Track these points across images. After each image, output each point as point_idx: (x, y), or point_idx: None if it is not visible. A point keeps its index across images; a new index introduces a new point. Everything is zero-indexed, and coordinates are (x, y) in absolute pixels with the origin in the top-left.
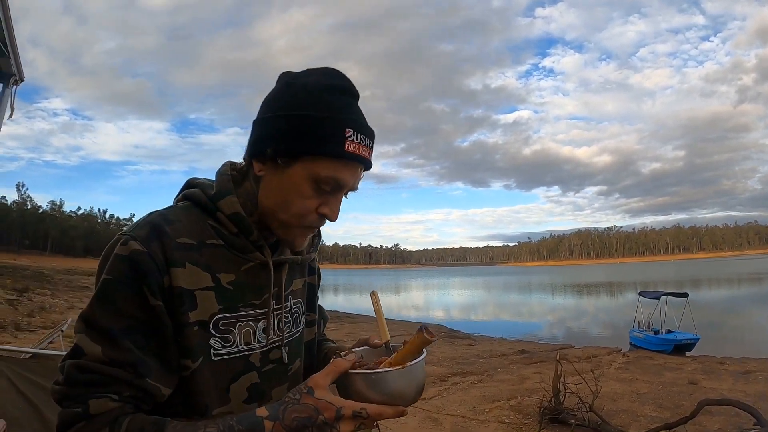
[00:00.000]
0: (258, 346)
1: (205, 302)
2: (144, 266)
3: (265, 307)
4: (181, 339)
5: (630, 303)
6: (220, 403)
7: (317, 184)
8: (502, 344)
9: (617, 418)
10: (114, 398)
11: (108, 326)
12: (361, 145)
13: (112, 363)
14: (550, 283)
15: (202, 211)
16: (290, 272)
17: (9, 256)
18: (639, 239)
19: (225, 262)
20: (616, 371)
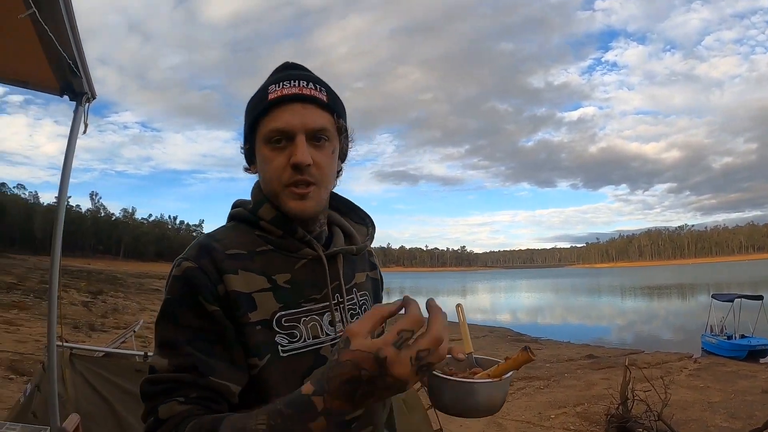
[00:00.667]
0: (327, 339)
1: (264, 302)
2: (197, 280)
3: (326, 300)
4: (245, 339)
5: (702, 306)
6: None
7: (269, 143)
8: (569, 348)
9: (687, 428)
10: (180, 400)
11: (172, 339)
12: (284, 88)
13: (177, 369)
14: (618, 286)
15: (248, 224)
16: (349, 265)
17: (84, 261)
18: (711, 238)
19: (278, 263)
20: (686, 378)
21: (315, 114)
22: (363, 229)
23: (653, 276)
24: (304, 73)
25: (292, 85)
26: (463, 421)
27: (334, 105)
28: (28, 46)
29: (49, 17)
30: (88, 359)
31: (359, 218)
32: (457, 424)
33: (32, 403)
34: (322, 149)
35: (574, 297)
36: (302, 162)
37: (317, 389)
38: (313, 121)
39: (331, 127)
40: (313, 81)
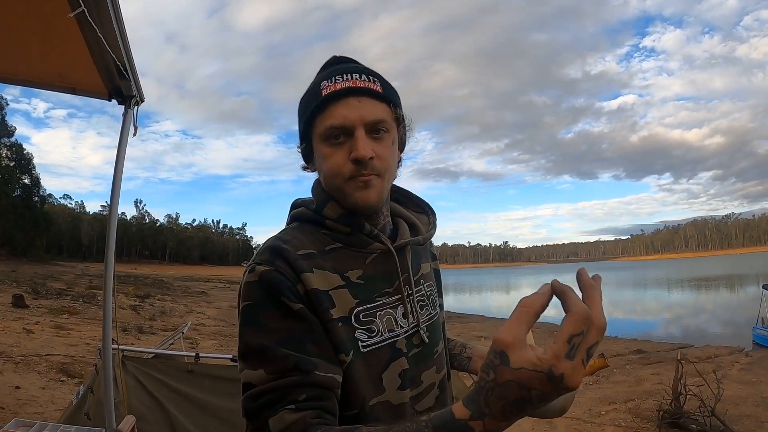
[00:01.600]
0: (402, 332)
1: (341, 299)
2: (276, 281)
3: (398, 293)
4: (330, 336)
5: (752, 297)
6: (376, 393)
7: (327, 141)
8: (617, 343)
9: (740, 424)
10: (291, 408)
11: (261, 345)
12: (337, 83)
13: (278, 375)
14: (665, 278)
15: (313, 224)
16: (415, 256)
17: (130, 266)
18: (760, 226)
19: (348, 260)
20: (738, 372)
21: (371, 106)
22: (424, 218)
23: (700, 267)
24: (354, 65)
25: (345, 78)
26: None
27: (390, 95)
28: (75, 51)
29: (97, 17)
30: (139, 361)
31: (419, 207)
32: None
33: (85, 405)
34: (381, 141)
35: (620, 291)
36: (364, 156)
37: (474, 413)
38: (371, 114)
39: (389, 118)
40: (365, 72)
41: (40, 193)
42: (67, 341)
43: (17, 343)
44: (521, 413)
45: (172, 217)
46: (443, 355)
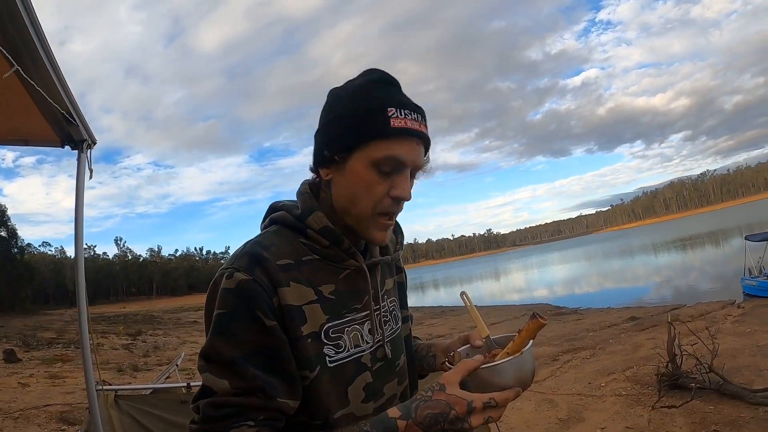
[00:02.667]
0: (367, 347)
1: (313, 315)
2: (253, 293)
3: (366, 309)
4: (298, 352)
5: (737, 250)
6: (341, 406)
7: (377, 168)
8: (610, 314)
9: (739, 376)
10: (250, 425)
11: (231, 357)
12: (407, 119)
13: (243, 393)
14: (650, 243)
15: (292, 231)
16: (381, 273)
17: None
18: (736, 180)
19: (323, 274)
20: (732, 325)
21: (421, 154)
22: (393, 237)
23: (683, 228)
24: (416, 105)
25: (413, 119)
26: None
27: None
28: (21, 105)
29: (35, 73)
30: (134, 398)
31: None
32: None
33: None
34: (412, 185)
35: (607, 262)
36: (407, 198)
37: (404, 414)
38: (420, 161)
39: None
40: (424, 117)
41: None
42: (64, 389)
43: (14, 398)
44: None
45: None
46: (405, 368)
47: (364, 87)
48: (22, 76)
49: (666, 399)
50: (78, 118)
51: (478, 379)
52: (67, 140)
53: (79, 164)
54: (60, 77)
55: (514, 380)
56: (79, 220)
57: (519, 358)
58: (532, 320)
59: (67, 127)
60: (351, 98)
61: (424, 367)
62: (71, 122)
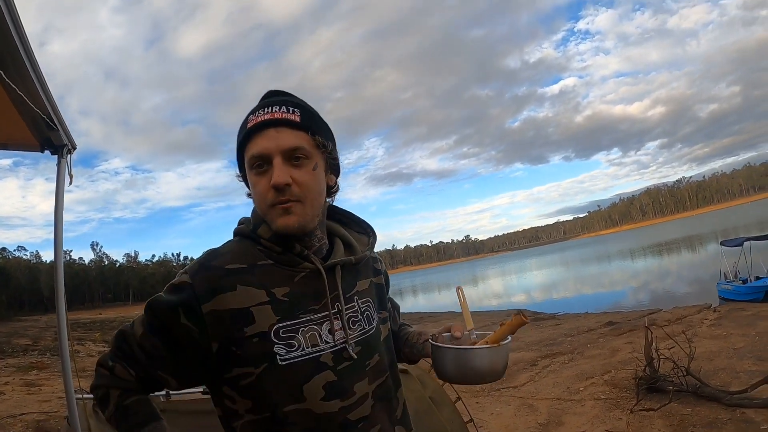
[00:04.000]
0: (327, 347)
1: (261, 316)
2: (185, 294)
3: (325, 310)
4: (241, 351)
5: (713, 255)
6: (293, 401)
7: (252, 169)
8: (588, 319)
9: (716, 378)
10: (131, 373)
11: (148, 321)
12: (259, 116)
13: (141, 347)
14: (627, 249)
15: (251, 241)
16: (350, 274)
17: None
18: (711, 186)
19: (277, 277)
20: (708, 329)
21: (288, 135)
22: (364, 239)
23: (659, 233)
24: (279, 98)
25: (266, 111)
26: (494, 408)
27: (309, 123)
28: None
29: (17, 76)
30: None
31: (361, 228)
32: (488, 413)
33: None
34: (301, 167)
35: (585, 267)
36: (279, 182)
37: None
38: (287, 142)
39: (308, 145)
40: (286, 104)
41: None
42: (40, 398)
43: None
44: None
45: (131, 255)
46: (380, 367)
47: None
48: (3, 80)
49: (644, 402)
50: (59, 123)
51: (455, 358)
52: (47, 145)
53: (59, 170)
54: (42, 81)
55: (488, 367)
56: (59, 225)
57: (497, 348)
58: (516, 316)
59: (47, 132)
60: None
61: (414, 353)
62: (52, 127)
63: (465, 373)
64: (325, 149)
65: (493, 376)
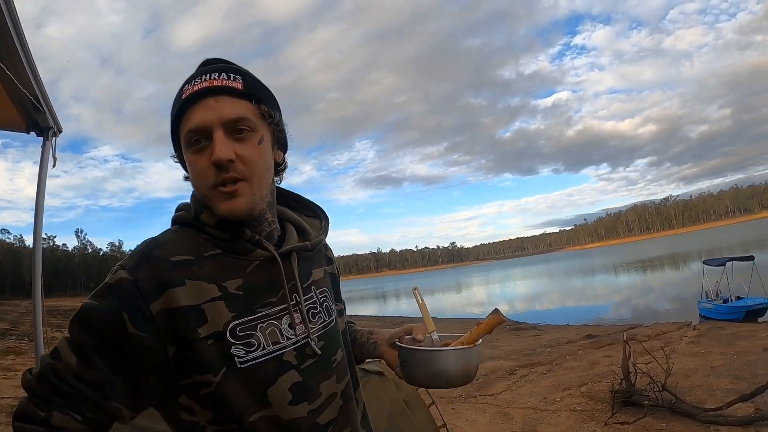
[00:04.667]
0: (289, 344)
1: (215, 313)
2: (127, 294)
3: (284, 302)
4: (196, 356)
5: (696, 274)
6: (259, 408)
7: (189, 146)
8: (568, 331)
9: (692, 395)
10: (77, 418)
11: (83, 343)
12: (196, 84)
13: (82, 379)
14: (611, 263)
15: (193, 229)
16: (306, 262)
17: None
18: (698, 206)
19: (228, 268)
20: (687, 346)
21: (229, 104)
22: (316, 223)
23: (644, 250)
24: (217, 65)
25: (203, 79)
26: (469, 415)
27: (253, 91)
28: None
29: (6, 57)
30: None
31: (311, 212)
32: (463, 419)
33: None
34: (245, 141)
35: (569, 280)
36: (221, 158)
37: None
38: (229, 112)
39: (253, 116)
40: (226, 71)
41: None
42: (16, 383)
43: None
44: None
45: (115, 245)
46: (344, 363)
47: None
48: None
49: (619, 415)
50: (46, 105)
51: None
52: (33, 126)
53: (43, 152)
54: (31, 63)
55: (462, 370)
56: (40, 207)
57: (471, 349)
58: (494, 315)
59: (34, 114)
60: None
61: (363, 353)
62: (39, 109)
63: (437, 376)
64: (271, 120)
65: (466, 379)
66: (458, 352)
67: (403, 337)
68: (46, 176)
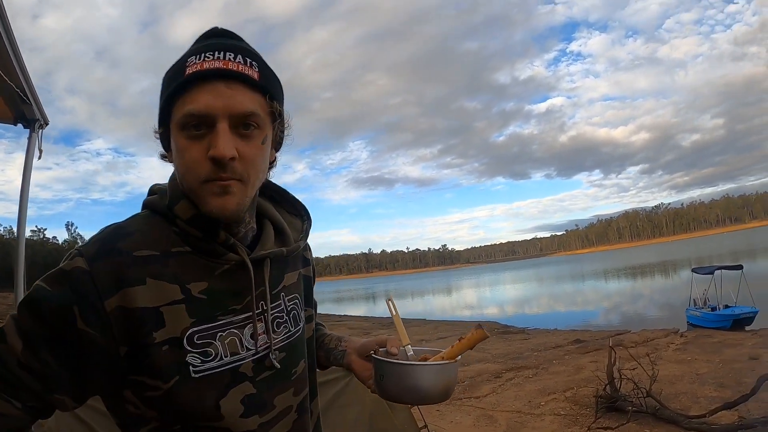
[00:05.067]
0: (248, 355)
1: (173, 318)
2: (82, 287)
3: (248, 310)
4: (148, 360)
5: (684, 281)
6: (210, 420)
7: (183, 129)
8: (556, 335)
9: (676, 402)
10: (17, 405)
11: (30, 330)
12: (205, 62)
13: (26, 368)
14: (601, 269)
15: (164, 218)
16: (278, 267)
17: None
18: (688, 214)
19: (195, 269)
20: (673, 353)
21: (242, 95)
22: (297, 223)
23: (634, 257)
24: (232, 42)
25: (216, 57)
26: (453, 417)
27: (268, 84)
28: None
29: None
30: None
31: (294, 210)
32: (447, 421)
33: None
34: (250, 139)
35: (559, 285)
36: (223, 156)
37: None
38: (240, 105)
39: (263, 112)
40: (242, 53)
41: None
42: None
43: None
44: None
45: None
46: (305, 375)
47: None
48: None
49: (603, 420)
50: (32, 98)
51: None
52: (20, 118)
53: (29, 144)
54: (18, 56)
55: (441, 386)
56: (24, 199)
57: (452, 365)
58: (477, 330)
59: (21, 105)
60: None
61: (330, 359)
62: (25, 101)
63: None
64: (280, 119)
65: (444, 396)
66: (439, 368)
67: (377, 349)
68: (32, 168)
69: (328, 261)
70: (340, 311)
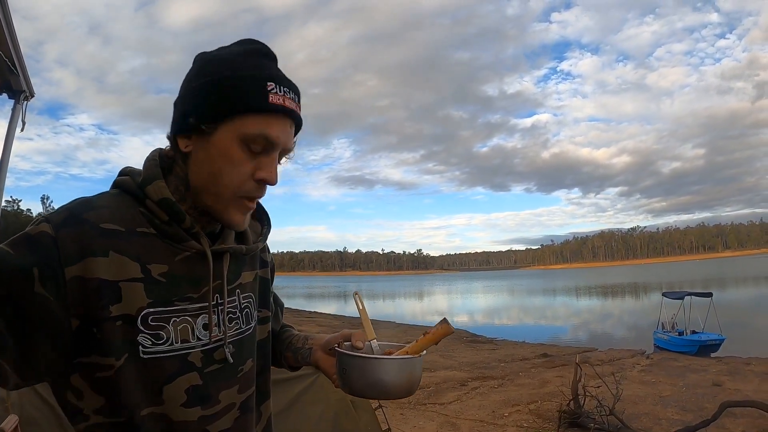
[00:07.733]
0: (198, 345)
1: (131, 295)
2: (44, 251)
3: (204, 300)
4: (100, 334)
5: (654, 304)
6: (151, 404)
7: (246, 145)
8: (524, 348)
9: (638, 422)
10: None
11: None
12: (286, 97)
13: None
14: (573, 286)
15: (133, 198)
16: (236, 264)
17: None
18: (663, 239)
19: (157, 251)
20: (638, 374)
21: (291, 136)
22: (257, 226)
23: (607, 276)
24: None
25: (291, 98)
26: (416, 422)
27: (299, 125)
28: None
29: None
30: None
31: (257, 213)
32: (410, 425)
33: None
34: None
35: (530, 298)
36: (273, 182)
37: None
38: (292, 144)
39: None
40: (298, 94)
41: None
42: None
43: None
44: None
45: None
46: (252, 375)
47: (244, 55)
48: None
49: None
50: (20, 68)
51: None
52: (6, 88)
53: (12, 115)
54: (9, 23)
55: (404, 381)
56: (3, 171)
57: (416, 359)
58: (442, 325)
59: (8, 75)
60: (229, 65)
61: (298, 359)
62: (12, 71)
63: (378, 385)
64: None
65: (408, 391)
66: (402, 362)
67: (342, 343)
68: (13, 139)
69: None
70: (311, 308)
